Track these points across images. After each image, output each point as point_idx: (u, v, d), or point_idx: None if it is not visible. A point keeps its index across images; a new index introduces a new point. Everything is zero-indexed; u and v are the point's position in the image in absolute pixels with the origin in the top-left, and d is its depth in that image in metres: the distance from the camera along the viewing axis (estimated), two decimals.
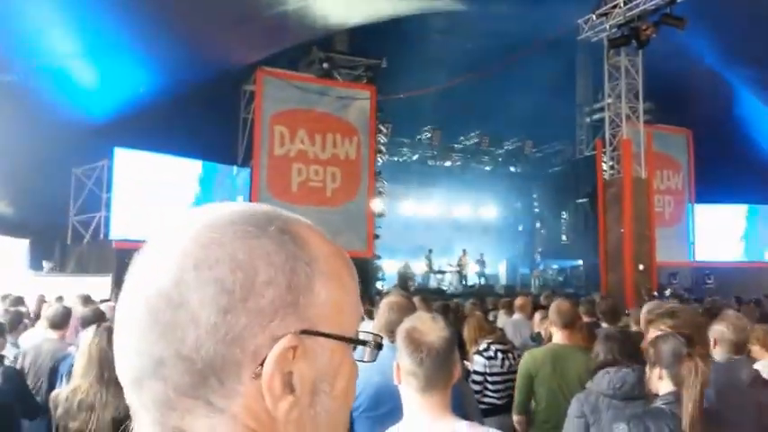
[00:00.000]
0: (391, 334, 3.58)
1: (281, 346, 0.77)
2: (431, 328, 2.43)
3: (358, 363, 0.89)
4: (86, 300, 9.24)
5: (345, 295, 0.86)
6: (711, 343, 3.89)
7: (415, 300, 6.98)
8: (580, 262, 25.14)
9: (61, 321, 6.30)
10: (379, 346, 0.90)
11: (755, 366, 4.36)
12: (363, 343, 0.88)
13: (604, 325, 6.97)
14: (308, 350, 0.80)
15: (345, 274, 0.87)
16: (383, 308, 3.80)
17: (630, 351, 4.05)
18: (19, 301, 9.48)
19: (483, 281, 25.89)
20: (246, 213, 0.82)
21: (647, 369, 3.36)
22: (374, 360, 0.90)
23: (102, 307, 6.92)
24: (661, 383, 3.22)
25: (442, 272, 25.45)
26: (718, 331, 3.87)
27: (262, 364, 0.76)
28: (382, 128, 22.38)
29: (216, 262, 0.76)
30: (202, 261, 0.76)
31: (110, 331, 4.15)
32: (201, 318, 0.75)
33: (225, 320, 0.75)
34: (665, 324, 3.53)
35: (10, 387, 4.90)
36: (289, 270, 0.79)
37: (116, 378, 2.56)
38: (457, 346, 2.58)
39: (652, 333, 3.63)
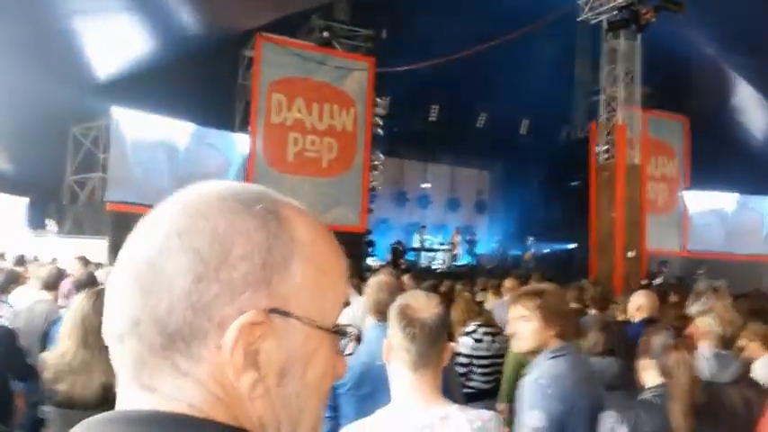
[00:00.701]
0: (379, 314, 3.63)
1: (245, 318, 0.79)
2: (424, 305, 2.46)
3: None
4: (84, 261, 9.25)
5: (327, 281, 0.88)
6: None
7: (405, 278, 6.99)
8: (572, 245, 25.15)
9: (54, 282, 6.33)
10: (357, 339, 0.92)
11: (755, 365, 4.39)
12: (342, 333, 0.89)
13: (592, 311, 7.01)
14: (277, 330, 0.82)
15: (331, 261, 0.89)
16: (372, 287, 3.83)
17: (630, 344, 4.03)
18: (21, 260, 9.41)
19: (474, 260, 25.91)
20: (237, 191, 0.85)
21: (638, 361, 3.38)
22: (351, 353, 0.91)
23: (99, 272, 6.92)
24: (648, 375, 3.25)
25: (434, 250, 25.46)
26: (706, 324, 3.87)
27: None
28: (380, 100, 22.26)
29: (197, 232, 0.80)
30: (185, 230, 0.80)
31: (98, 295, 4.19)
32: (176, 284, 0.78)
33: (197, 288, 0.78)
34: (532, 302, 3.46)
35: (1, 347, 4.90)
36: (266, 249, 0.82)
37: (102, 343, 2.60)
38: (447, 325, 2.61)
39: (514, 312, 3.57)
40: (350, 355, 0.91)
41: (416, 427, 2.32)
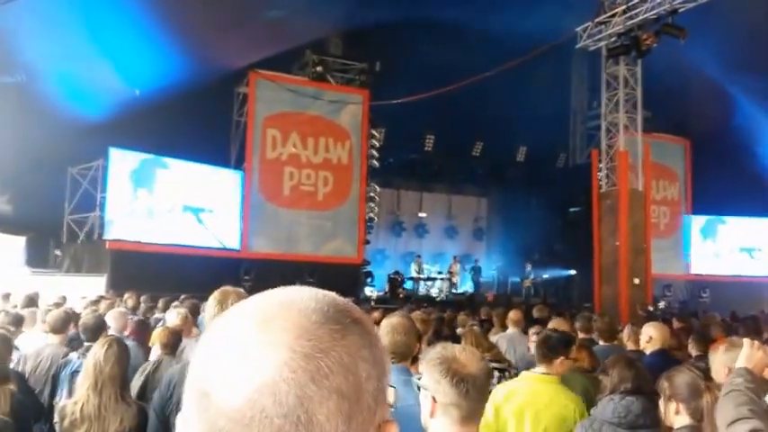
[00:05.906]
0: (395, 355, 3.62)
1: None
2: (469, 359, 2.40)
3: None
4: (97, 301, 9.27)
5: None
6: (725, 371, 3.86)
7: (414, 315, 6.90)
8: (572, 272, 25.11)
9: (61, 326, 6.28)
10: None
11: None
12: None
13: (601, 342, 7.00)
14: None
15: None
16: (386, 329, 3.78)
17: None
18: (31, 301, 9.27)
19: (474, 288, 25.83)
20: (320, 309, 0.83)
21: (662, 403, 3.33)
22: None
23: (108, 315, 6.87)
24: (677, 417, 3.20)
25: (432, 279, 25.37)
26: (734, 359, 3.82)
27: None
28: (375, 132, 22.36)
29: (330, 372, 0.78)
30: (316, 373, 0.77)
31: (115, 344, 4.22)
32: (330, 430, 0.76)
33: (350, 426, 0.78)
34: None
35: (21, 393, 4.87)
36: (375, 359, 0.83)
37: (117, 392, 2.66)
38: None
39: None
40: None
41: None
